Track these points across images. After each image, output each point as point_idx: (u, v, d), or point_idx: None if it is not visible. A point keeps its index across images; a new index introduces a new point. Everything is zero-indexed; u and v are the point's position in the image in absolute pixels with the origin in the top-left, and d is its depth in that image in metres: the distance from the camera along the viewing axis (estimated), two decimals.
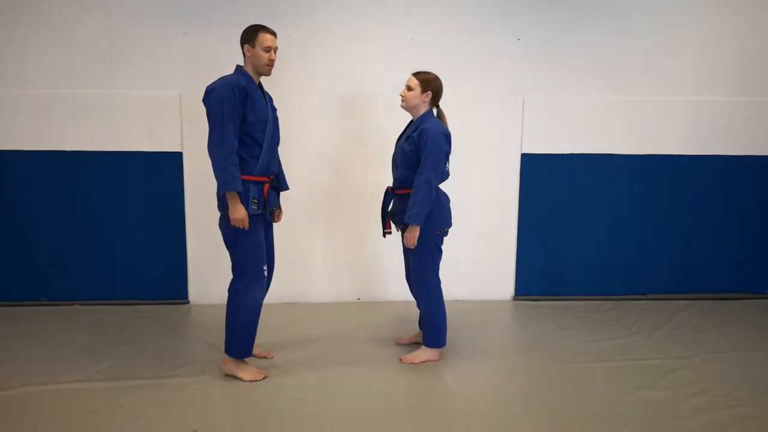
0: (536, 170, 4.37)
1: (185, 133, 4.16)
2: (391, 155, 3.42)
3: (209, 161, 4.12)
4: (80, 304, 4.23)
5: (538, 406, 2.95)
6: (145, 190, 4.19)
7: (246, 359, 3.22)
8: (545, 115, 4.32)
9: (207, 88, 3.05)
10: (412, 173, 3.20)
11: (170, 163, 4.18)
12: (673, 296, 4.53)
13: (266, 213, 3.15)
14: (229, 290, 3.14)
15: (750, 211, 4.54)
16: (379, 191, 3.66)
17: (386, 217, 3.45)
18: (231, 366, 3.18)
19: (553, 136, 4.35)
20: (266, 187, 3.13)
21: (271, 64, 3.11)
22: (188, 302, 4.32)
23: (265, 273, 3.16)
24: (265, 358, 3.43)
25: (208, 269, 4.30)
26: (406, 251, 3.42)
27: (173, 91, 4.11)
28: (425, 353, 3.41)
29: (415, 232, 3.16)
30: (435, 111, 3.31)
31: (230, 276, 3.12)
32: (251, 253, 3.09)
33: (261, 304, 3.17)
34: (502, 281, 4.51)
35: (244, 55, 3.12)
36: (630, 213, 4.48)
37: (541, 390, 3.11)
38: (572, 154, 4.37)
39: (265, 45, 3.07)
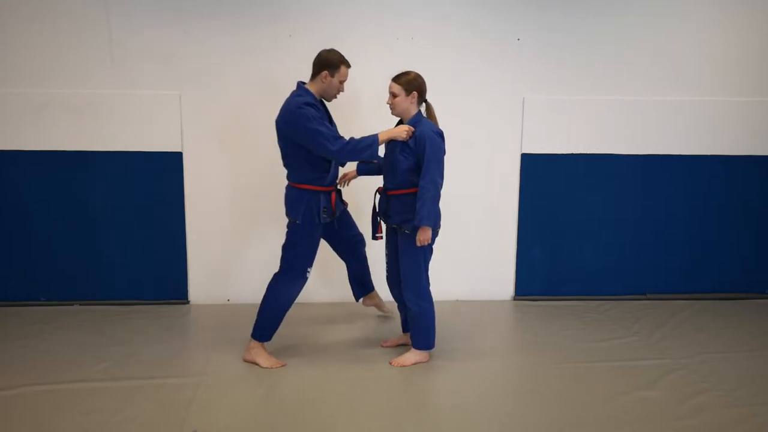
0: (536, 170, 4.37)
1: (185, 133, 4.16)
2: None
3: (209, 161, 4.18)
4: (80, 304, 4.23)
5: (538, 406, 2.95)
6: (145, 190, 4.19)
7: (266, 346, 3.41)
8: (545, 115, 4.32)
9: (285, 110, 3.18)
10: (411, 175, 3.22)
11: (170, 163, 4.17)
12: (673, 296, 4.52)
13: (333, 220, 3.40)
14: (271, 280, 3.37)
15: (750, 211, 4.53)
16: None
17: (377, 220, 3.45)
18: (252, 353, 3.36)
19: (553, 136, 4.35)
20: (333, 195, 3.35)
21: (337, 94, 3.32)
22: (188, 302, 4.32)
23: (308, 275, 3.37)
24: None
25: (208, 269, 4.29)
26: (392, 252, 3.42)
27: (173, 91, 4.11)
28: (415, 356, 3.39)
29: (427, 234, 3.16)
30: (424, 106, 3.32)
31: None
32: (302, 256, 3.33)
33: (293, 300, 3.39)
34: (502, 281, 4.51)
35: (316, 76, 3.24)
36: (630, 213, 4.47)
37: (540, 390, 3.11)
38: (572, 154, 4.37)
39: (343, 79, 3.27)
